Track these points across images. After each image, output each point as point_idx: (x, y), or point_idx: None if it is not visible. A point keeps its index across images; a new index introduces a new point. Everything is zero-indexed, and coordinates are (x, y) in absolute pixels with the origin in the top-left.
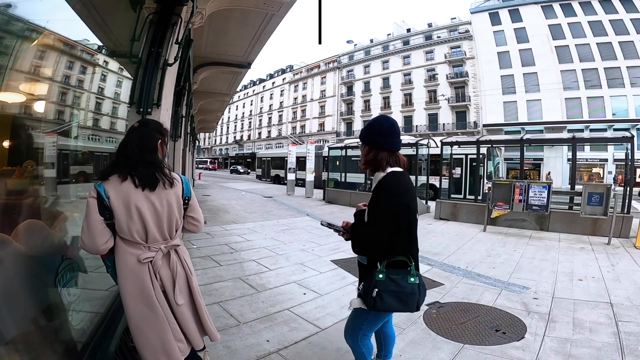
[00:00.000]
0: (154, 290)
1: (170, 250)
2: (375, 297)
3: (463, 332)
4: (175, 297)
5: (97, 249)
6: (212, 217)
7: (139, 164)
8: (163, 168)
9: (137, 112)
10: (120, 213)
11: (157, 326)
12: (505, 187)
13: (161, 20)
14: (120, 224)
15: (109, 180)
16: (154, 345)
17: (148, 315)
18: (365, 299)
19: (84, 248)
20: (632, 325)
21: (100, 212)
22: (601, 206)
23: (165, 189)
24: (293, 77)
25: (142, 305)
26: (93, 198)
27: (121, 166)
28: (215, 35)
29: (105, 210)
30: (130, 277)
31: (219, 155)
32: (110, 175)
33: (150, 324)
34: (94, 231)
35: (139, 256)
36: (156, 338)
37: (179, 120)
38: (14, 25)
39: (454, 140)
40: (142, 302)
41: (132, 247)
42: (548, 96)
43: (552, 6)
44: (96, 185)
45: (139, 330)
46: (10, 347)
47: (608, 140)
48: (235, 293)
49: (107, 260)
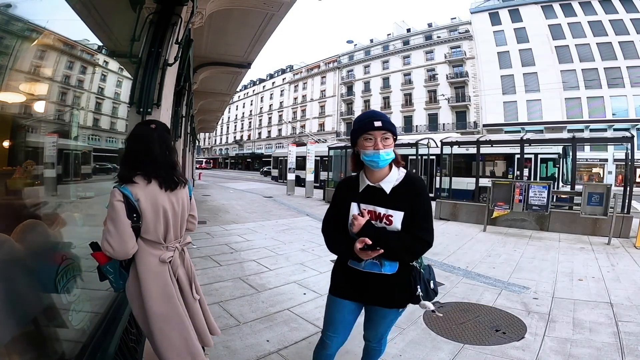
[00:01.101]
0: (175, 289)
1: (184, 248)
2: (433, 288)
3: (463, 332)
4: (193, 292)
5: (127, 253)
6: (212, 217)
7: (163, 165)
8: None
9: (137, 112)
10: (149, 215)
11: (180, 326)
12: (505, 187)
13: (161, 20)
14: (148, 225)
15: (134, 182)
16: (179, 347)
17: (172, 316)
18: (427, 296)
19: (111, 254)
20: (632, 325)
21: (128, 215)
22: (601, 206)
23: (179, 189)
24: (293, 77)
25: (166, 305)
26: (120, 202)
27: (147, 168)
28: (215, 35)
29: (133, 213)
30: (153, 278)
31: (218, 155)
32: (133, 177)
33: (174, 324)
34: (124, 235)
35: (161, 256)
36: (180, 339)
37: (179, 120)
38: (14, 25)
39: (454, 140)
40: (165, 302)
41: (153, 248)
42: (548, 96)
43: (552, 6)
44: (120, 188)
45: (162, 333)
46: (10, 347)
47: (608, 140)
48: (235, 293)
49: (107, 267)
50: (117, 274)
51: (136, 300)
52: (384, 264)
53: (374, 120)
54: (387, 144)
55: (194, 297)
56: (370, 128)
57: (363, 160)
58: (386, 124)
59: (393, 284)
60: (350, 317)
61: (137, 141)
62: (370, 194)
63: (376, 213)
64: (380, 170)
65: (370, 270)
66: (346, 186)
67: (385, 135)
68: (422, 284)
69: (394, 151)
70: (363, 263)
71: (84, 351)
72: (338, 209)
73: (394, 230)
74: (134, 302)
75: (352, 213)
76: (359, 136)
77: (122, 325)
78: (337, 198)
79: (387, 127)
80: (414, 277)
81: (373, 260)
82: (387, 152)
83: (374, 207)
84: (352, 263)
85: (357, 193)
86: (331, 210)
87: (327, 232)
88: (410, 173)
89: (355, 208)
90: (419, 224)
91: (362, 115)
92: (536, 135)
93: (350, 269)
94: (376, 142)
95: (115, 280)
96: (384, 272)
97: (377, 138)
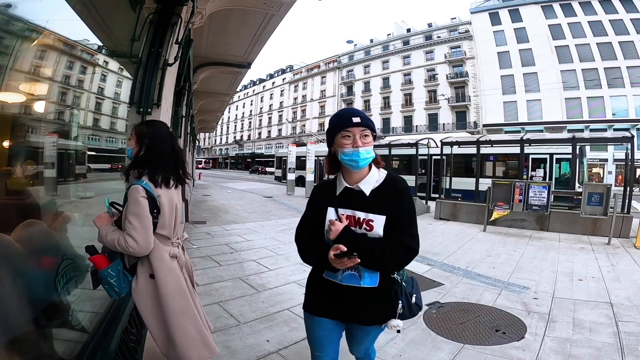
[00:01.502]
0: (187, 284)
1: (183, 243)
2: (416, 302)
3: (463, 332)
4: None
5: (149, 249)
6: (212, 217)
7: (175, 162)
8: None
9: (137, 112)
10: (167, 210)
11: (195, 320)
12: (505, 187)
13: (161, 20)
14: (165, 220)
15: (155, 179)
16: (196, 340)
17: (188, 310)
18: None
19: (135, 250)
20: (632, 325)
21: (150, 211)
22: (601, 206)
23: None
24: (293, 77)
25: (183, 300)
26: (144, 198)
27: (163, 164)
28: (215, 35)
29: (154, 209)
30: (169, 273)
31: (218, 155)
32: (150, 174)
33: (191, 318)
34: (149, 231)
35: (171, 251)
36: (196, 332)
37: (179, 120)
38: (14, 25)
39: (455, 140)
40: (182, 297)
41: (165, 243)
42: (548, 96)
43: (552, 6)
44: (142, 184)
45: (180, 328)
46: (10, 347)
47: (608, 140)
48: (235, 293)
49: (109, 270)
50: (120, 277)
51: (149, 299)
52: (363, 276)
53: (352, 116)
54: (366, 142)
55: (196, 292)
56: (348, 125)
57: (341, 160)
58: (365, 120)
59: (373, 298)
60: (333, 335)
61: (162, 142)
62: (348, 197)
63: (355, 218)
64: (360, 171)
65: (348, 283)
66: (322, 190)
67: (364, 132)
68: (404, 298)
69: (373, 150)
70: (340, 275)
71: (84, 351)
72: (313, 216)
73: (376, 236)
74: (146, 303)
75: (328, 218)
76: (335, 134)
77: (122, 325)
78: (312, 203)
79: (366, 124)
80: (395, 292)
81: (351, 272)
82: (367, 151)
83: (352, 211)
84: (328, 275)
85: (334, 197)
86: (305, 217)
87: (300, 240)
88: (392, 174)
89: (333, 213)
90: (402, 229)
91: (338, 112)
92: (537, 135)
93: (326, 282)
94: (355, 139)
95: (117, 284)
96: (363, 286)
97: (355, 135)
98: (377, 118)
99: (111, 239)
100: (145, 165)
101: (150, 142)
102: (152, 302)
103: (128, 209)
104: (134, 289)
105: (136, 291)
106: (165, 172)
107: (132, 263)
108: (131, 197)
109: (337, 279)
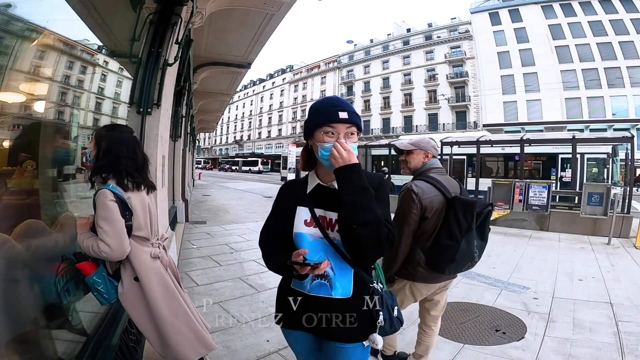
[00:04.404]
0: (174, 283)
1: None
2: (398, 316)
3: (463, 332)
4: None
5: (124, 253)
6: (212, 217)
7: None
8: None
9: (137, 112)
10: (140, 212)
11: (186, 318)
12: (505, 187)
13: (161, 20)
14: (140, 222)
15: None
16: (190, 339)
17: (178, 309)
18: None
19: (109, 255)
20: (632, 325)
21: (121, 214)
22: (601, 206)
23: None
24: (293, 77)
25: (171, 300)
26: (113, 201)
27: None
28: (215, 35)
29: (126, 211)
30: (153, 274)
31: (218, 155)
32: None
33: (182, 317)
34: (122, 235)
35: (152, 252)
36: (190, 330)
37: (179, 120)
38: (14, 25)
39: (455, 140)
40: (170, 297)
41: (144, 244)
42: (548, 96)
43: (552, 6)
44: (109, 187)
45: (173, 327)
46: (10, 347)
47: (608, 140)
48: (235, 293)
49: (94, 277)
50: (107, 283)
51: (137, 303)
52: (335, 286)
53: (339, 111)
54: (352, 141)
55: (184, 290)
56: (333, 120)
57: (320, 158)
58: (353, 116)
59: (348, 310)
60: (315, 345)
61: (123, 145)
62: (319, 196)
63: (327, 219)
64: None
65: (317, 294)
66: (291, 189)
67: (351, 130)
68: (384, 310)
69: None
70: (308, 285)
71: (84, 351)
72: (279, 216)
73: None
74: (135, 307)
75: (301, 219)
76: (316, 128)
77: (122, 325)
78: (279, 203)
79: (354, 120)
80: (374, 302)
81: (321, 281)
82: (353, 149)
83: (324, 211)
84: (295, 284)
85: (304, 195)
86: (271, 218)
87: (264, 244)
88: (367, 171)
89: (305, 213)
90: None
91: (321, 102)
92: (537, 135)
93: (295, 293)
94: (339, 138)
95: (105, 291)
96: (334, 297)
97: (340, 133)
98: (377, 118)
99: (86, 245)
100: (105, 169)
101: (107, 145)
102: (140, 304)
103: (98, 215)
104: (120, 294)
105: (123, 295)
106: (132, 176)
107: (114, 268)
108: (99, 203)
109: (306, 289)
